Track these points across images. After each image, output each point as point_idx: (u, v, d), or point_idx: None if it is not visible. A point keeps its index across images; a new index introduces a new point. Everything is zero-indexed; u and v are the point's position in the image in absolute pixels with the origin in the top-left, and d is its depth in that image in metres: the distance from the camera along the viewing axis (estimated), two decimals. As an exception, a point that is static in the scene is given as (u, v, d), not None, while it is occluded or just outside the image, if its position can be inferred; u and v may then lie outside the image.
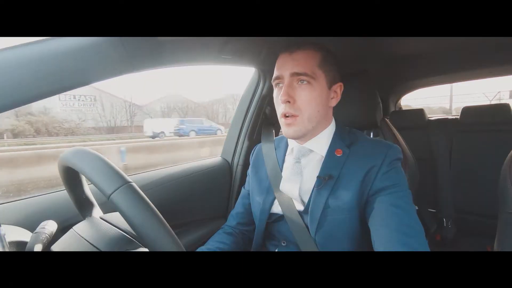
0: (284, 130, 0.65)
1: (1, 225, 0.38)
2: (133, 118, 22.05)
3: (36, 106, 17.42)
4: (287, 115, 0.63)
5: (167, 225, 0.40)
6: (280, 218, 0.69)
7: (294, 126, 0.63)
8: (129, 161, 7.30)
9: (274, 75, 0.66)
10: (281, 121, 0.65)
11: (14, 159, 6.16)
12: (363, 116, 0.89)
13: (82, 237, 0.50)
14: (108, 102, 20.76)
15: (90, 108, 20.69)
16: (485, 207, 1.46)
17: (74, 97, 20.10)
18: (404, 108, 2.24)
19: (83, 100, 20.56)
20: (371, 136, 0.99)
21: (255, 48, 0.87)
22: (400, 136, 1.07)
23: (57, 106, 19.28)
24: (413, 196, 0.62)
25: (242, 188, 0.86)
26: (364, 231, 0.61)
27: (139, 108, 22.96)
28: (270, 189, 0.71)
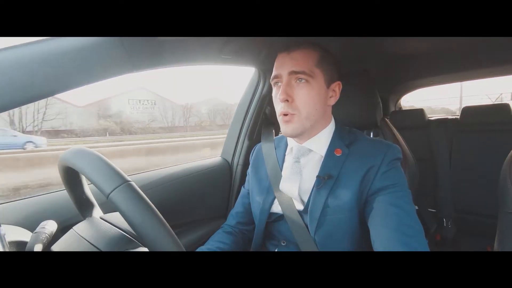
0: (283, 128, 0.66)
1: (1, 225, 0.38)
2: (188, 119, 25.14)
3: (114, 109, 21.53)
4: (285, 113, 0.63)
5: (166, 224, 0.40)
6: (280, 217, 0.69)
7: (292, 124, 0.63)
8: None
9: (273, 74, 0.66)
10: (280, 119, 0.66)
11: (124, 151, 8.50)
12: (363, 116, 0.89)
13: (82, 237, 0.50)
14: (165, 105, 23.76)
15: (152, 111, 23.53)
16: (485, 207, 1.46)
17: (139, 101, 23.12)
18: (408, 108, 2.24)
19: (145, 104, 23.26)
20: (371, 136, 0.99)
21: (255, 48, 0.87)
22: (400, 136, 1.07)
23: (127, 109, 22.76)
24: (413, 196, 0.62)
25: (242, 187, 0.86)
26: (363, 230, 0.61)
27: (189, 109, 25.60)
28: (270, 188, 0.71)
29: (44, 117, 16.48)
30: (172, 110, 24.06)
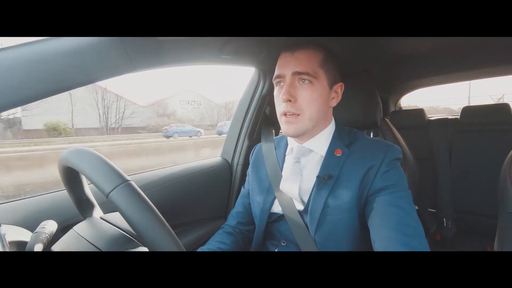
0: (284, 128, 0.65)
1: (1, 225, 0.38)
2: (230, 118, 27.25)
3: (170, 108, 24.93)
4: (287, 114, 0.63)
5: (166, 223, 0.40)
6: (280, 217, 0.69)
7: (295, 125, 0.63)
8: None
9: (276, 74, 0.66)
10: (281, 119, 0.65)
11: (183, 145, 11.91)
12: (363, 116, 0.89)
13: (82, 237, 0.50)
14: (210, 106, 27.07)
15: (199, 111, 26.81)
16: (485, 207, 1.46)
17: (188, 102, 26.32)
18: (412, 108, 2.24)
19: (193, 104, 26.55)
20: (371, 136, 1.00)
21: (255, 48, 0.87)
22: (400, 136, 1.07)
23: (178, 109, 26.02)
24: (413, 196, 0.62)
25: (242, 187, 0.86)
26: (363, 230, 0.61)
27: (229, 109, 28.25)
28: (270, 188, 0.71)
29: (123, 116, 20.28)
30: (214, 109, 26.58)
